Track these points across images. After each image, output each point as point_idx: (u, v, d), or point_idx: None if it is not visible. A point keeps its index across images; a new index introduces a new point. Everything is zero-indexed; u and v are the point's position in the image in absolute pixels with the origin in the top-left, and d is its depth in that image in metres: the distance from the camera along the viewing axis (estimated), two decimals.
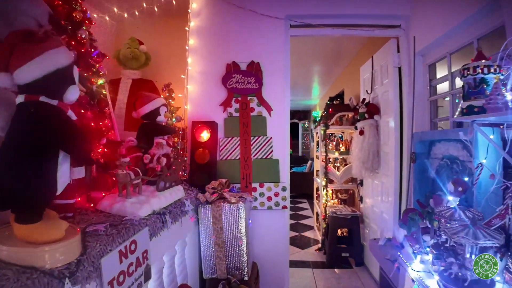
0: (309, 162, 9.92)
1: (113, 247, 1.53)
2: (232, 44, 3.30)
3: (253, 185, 3.20)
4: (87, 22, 2.35)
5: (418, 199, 2.41)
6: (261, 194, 3.20)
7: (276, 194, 3.19)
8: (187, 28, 3.37)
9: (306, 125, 13.82)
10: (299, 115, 13.55)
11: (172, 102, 3.60)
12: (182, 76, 3.41)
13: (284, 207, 3.21)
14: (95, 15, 3.37)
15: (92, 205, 2.04)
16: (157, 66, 4.01)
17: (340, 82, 7.06)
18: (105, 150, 2.34)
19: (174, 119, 3.56)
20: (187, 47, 3.36)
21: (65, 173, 1.33)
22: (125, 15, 3.44)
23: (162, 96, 3.62)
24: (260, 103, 3.27)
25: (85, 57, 2.32)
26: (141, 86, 3.75)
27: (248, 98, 3.28)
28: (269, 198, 3.19)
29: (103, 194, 2.18)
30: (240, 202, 2.71)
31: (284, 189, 3.20)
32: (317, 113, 10.09)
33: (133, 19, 3.77)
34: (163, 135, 2.73)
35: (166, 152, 2.40)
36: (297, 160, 12.09)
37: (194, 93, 3.36)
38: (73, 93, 1.32)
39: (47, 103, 1.25)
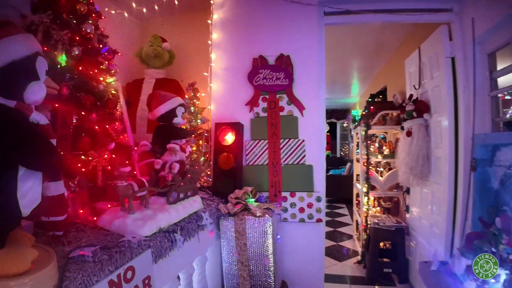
0: (348, 164, 9.32)
1: (101, 277, 1.26)
2: (259, 36, 2.97)
3: (283, 194, 2.84)
4: (94, 15, 2.12)
5: (480, 217, 1.94)
6: (292, 205, 2.83)
7: (310, 205, 2.80)
8: (209, 21, 3.09)
9: (345, 124, 13.19)
10: (338, 114, 12.95)
11: (197, 103, 3.35)
12: (205, 74, 3.14)
13: (319, 220, 2.82)
14: (112, 12, 3.17)
15: (95, 218, 1.81)
16: (182, 64, 3.79)
17: (381, 77, 6.48)
18: (113, 156, 2.11)
19: (199, 121, 3.31)
20: (209, 42, 3.08)
21: (32, 190, 1.06)
22: (144, 10, 3.22)
23: (186, 96, 3.39)
24: (291, 101, 2.90)
25: (91, 54, 2.09)
26: (165, 85, 3.53)
27: (277, 96, 2.92)
28: (302, 210, 2.82)
29: (109, 205, 1.95)
30: (267, 215, 2.37)
31: (318, 199, 2.81)
32: (357, 111, 9.48)
33: (152, 14, 3.56)
34: (179, 138, 2.45)
35: (180, 158, 2.12)
36: (335, 161, 11.51)
37: (217, 92, 3.07)
38: (35, 91, 1.06)
39: (1, 104, 0.99)
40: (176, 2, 3.31)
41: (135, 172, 2.30)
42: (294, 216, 2.83)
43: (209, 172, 3.14)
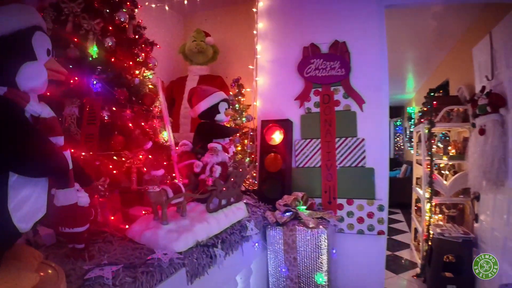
0: (404, 166, 8.52)
1: None
2: (310, 22, 2.63)
3: (339, 201, 2.47)
4: (128, 4, 1.94)
5: None
6: (350, 214, 2.45)
7: (370, 215, 2.40)
8: (254, 10, 2.82)
9: (399, 122, 12.24)
10: (391, 111, 12.00)
11: (242, 99, 3.10)
12: (250, 67, 2.87)
13: (381, 233, 2.41)
14: (153, 5, 3.02)
15: (127, 226, 1.61)
16: (227, 59, 3.59)
17: (442, 70, 5.75)
18: (150, 156, 1.91)
19: (244, 119, 3.06)
20: (255, 32, 2.80)
21: (30, 200, 0.85)
22: (185, 1, 3.03)
23: (231, 93, 3.16)
24: (348, 94, 2.52)
25: (126, 45, 1.91)
26: (208, 82, 3.33)
27: (332, 88, 2.56)
28: (360, 220, 2.43)
29: (144, 212, 1.74)
30: (321, 226, 2.03)
31: (381, 208, 2.40)
32: (413, 109, 8.67)
33: (194, 8, 3.38)
34: (221, 137, 2.20)
35: (223, 159, 1.86)
36: (389, 163, 10.63)
37: (264, 87, 2.79)
38: (30, 75, 0.84)
39: None
40: None
41: (174, 174, 2.09)
42: (351, 227, 2.45)
43: (254, 174, 2.87)
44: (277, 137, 2.60)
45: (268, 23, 2.76)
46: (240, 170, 1.95)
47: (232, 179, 1.85)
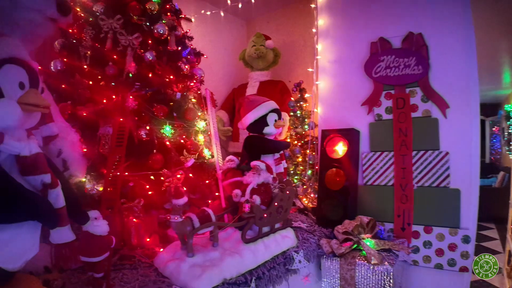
0: (501, 173, 7.05)
1: None
2: (377, 13, 2.23)
3: (414, 228, 2.02)
4: (169, 14, 1.86)
5: None
6: (427, 244, 1.98)
7: (452, 247, 1.91)
8: (312, 5, 2.52)
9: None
10: (486, 109, 10.10)
11: (304, 105, 2.84)
12: (310, 70, 2.59)
13: (464, 269, 1.89)
14: (208, 13, 2.94)
15: (161, 250, 1.51)
16: (289, 62, 3.37)
17: None
18: (190, 175, 1.79)
19: (306, 126, 2.79)
20: (314, 30, 2.51)
21: (12, 242, 0.80)
22: (239, 5, 2.87)
23: (292, 98, 2.92)
24: (427, 96, 2.06)
25: (167, 58, 1.83)
26: (269, 88, 3.17)
27: (407, 90, 2.13)
28: (440, 252, 1.94)
29: None
30: (387, 262, 1.65)
31: (466, 240, 1.88)
32: (511, 106, 7.20)
33: (256, 12, 3.21)
34: (270, 152, 1.99)
35: (265, 180, 1.63)
36: (484, 169, 8.91)
37: (325, 91, 2.48)
38: None
39: None
40: None
41: (217, 194, 1.94)
42: (427, 259, 1.98)
43: (316, 187, 2.57)
44: (340, 149, 2.26)
45: (329, 19, 2.44)
46: (288, 192, 1.69)
47: (276, 204, 1.61)
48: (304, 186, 2.62)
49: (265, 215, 1.56)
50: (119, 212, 1.50)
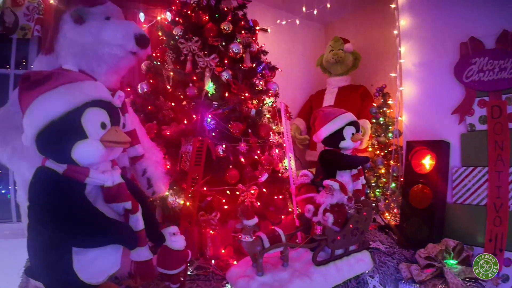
0: None
1: None
2: (467, 9, 1.95)
3: (507, 254, 1.74)
4: (244, 32, 1.92)
5: None
6: None
7: None
8: (393, 6, 2.34)
9: None
10: None
11: (388, 111, 2.66)
12: (392, 75, 2.41)
13: None
14: (283, 22, 2.94)
15: (235, 262, 1.58)
16: (370, 66, 3.18)
17: None
18: (264, 190, 1.83)
19: (390, 134, 2.61)
20: (395, 32, 2.33)
21: (96, 261, 0.93)
22: (315, 11, 2.80)
23: (374, 104, 2.77)
24: None
25: (243, 76, 1.90)
26: (348, 94, 3.05)
27: (504, 97, 1.83)
28: None
29: None
30: None
31: None
32: None
33: (333, 15, 3.11)
34: (347, 168, 1.91)
35: (339, 200, 1.57)
36: None
37: (409, 97, 2.28)
38: (82, 153, 0.87)
39: (48, 170, 0.85)
40: None
41: (290, 209, 1.95)
42: None
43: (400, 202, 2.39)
44: (426, 163, 2.05)
45: (411, 19, 2.23)
46: (364, 214, 1.61)
47: (351, 226, 1.55)
48: (387, 201, 2.46)
49: (338, 237, 1.51)
50: (197, 224, 1.62)
